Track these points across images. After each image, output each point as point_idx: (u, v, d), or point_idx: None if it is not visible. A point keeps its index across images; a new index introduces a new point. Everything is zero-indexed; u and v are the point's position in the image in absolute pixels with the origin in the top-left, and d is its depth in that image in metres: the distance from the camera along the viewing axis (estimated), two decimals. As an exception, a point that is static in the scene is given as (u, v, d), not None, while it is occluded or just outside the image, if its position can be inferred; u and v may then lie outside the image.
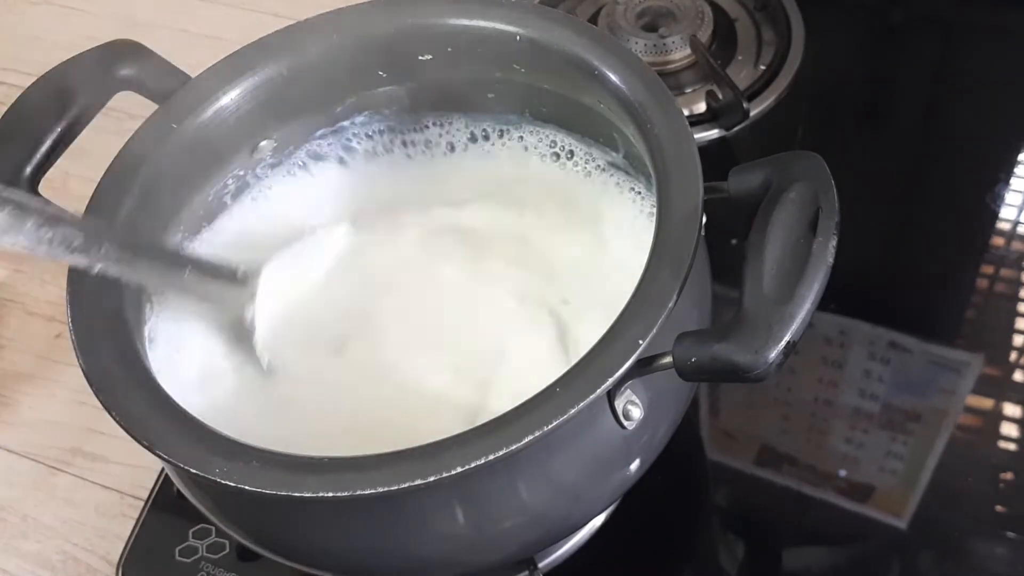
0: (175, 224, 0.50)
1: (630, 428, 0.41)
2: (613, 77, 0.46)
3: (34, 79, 0.48)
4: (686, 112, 0.70)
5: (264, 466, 0.36)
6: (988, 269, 0.64)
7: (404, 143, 0.57)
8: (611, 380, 0.37)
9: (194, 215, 0.52)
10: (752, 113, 0.71)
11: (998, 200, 0.67)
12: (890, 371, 0.59)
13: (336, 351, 0.50)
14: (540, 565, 0.53)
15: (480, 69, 0.52)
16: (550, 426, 0.36)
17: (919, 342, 0.60)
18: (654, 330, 0.37)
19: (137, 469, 0.66)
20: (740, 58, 0.75)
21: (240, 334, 0.50)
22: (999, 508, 0.54)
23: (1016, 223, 0.66)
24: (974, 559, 0.53)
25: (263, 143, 0.53)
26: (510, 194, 0.55)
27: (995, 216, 0.66)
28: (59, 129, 0.46)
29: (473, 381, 0.48)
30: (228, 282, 0.49)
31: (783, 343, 0.35)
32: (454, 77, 0.53)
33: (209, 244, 0.53)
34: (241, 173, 0.54)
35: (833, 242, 0.37)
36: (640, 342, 0.37)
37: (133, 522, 0.60)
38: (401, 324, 0.51)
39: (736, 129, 0.70)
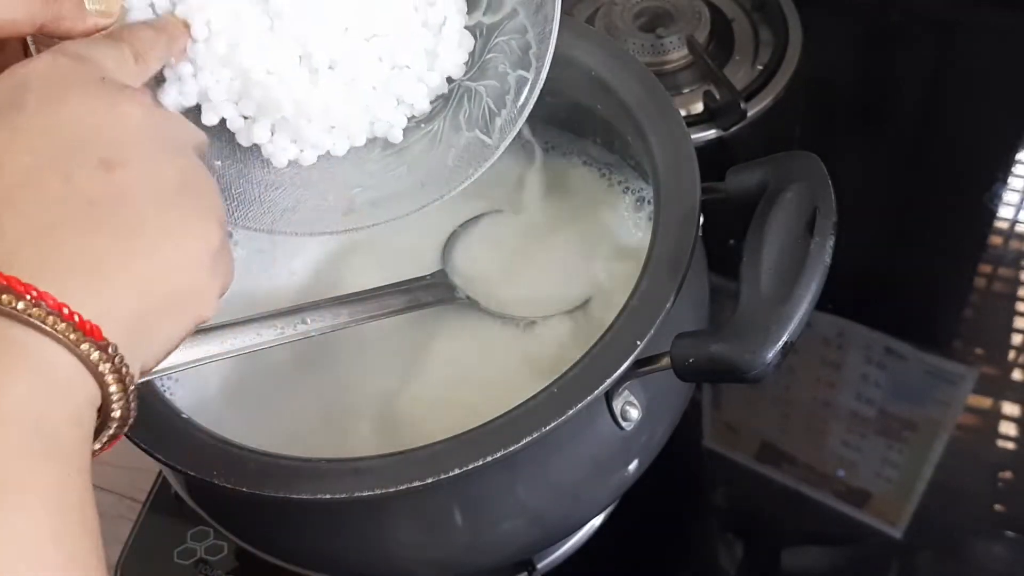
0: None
1: (628, 429, 0.41)
2: (610, 78, 0.46)
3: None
4: (683, 112, 0.70)
5: (261, 468, 0.36)
6: (986, 268, 0.64)
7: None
8: (609, 381, 0.36)
9: None
10: (749, 113, 0.71)
11: (996, 200, 0.67)
12: (886, 376, 0.59)
13: None
14: (539, 566, 0.53)
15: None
16: (548, 427, 0.35)
17: (914, 350, 0.60)
18: (652, 331, 0.37)
19: (135, 471, 0.66)
20: (737, 58, 0.75)
21: None
22: (998, 507, 0.54)
23: (1014, 223, 0.66)
24: (973, 559, 0.53)
25: None
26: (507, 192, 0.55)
27: (993, 216, 0.66)
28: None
29: None
30: None
31: (780, 343, 0.35)
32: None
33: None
34: None
35: (830, 242, 0.37)
36: (638, 343, 0.37)
37: (131, 524, 0.60)
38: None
39: (733, 129, 0.70)
